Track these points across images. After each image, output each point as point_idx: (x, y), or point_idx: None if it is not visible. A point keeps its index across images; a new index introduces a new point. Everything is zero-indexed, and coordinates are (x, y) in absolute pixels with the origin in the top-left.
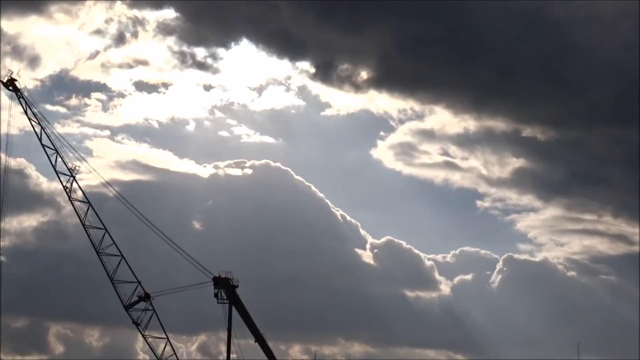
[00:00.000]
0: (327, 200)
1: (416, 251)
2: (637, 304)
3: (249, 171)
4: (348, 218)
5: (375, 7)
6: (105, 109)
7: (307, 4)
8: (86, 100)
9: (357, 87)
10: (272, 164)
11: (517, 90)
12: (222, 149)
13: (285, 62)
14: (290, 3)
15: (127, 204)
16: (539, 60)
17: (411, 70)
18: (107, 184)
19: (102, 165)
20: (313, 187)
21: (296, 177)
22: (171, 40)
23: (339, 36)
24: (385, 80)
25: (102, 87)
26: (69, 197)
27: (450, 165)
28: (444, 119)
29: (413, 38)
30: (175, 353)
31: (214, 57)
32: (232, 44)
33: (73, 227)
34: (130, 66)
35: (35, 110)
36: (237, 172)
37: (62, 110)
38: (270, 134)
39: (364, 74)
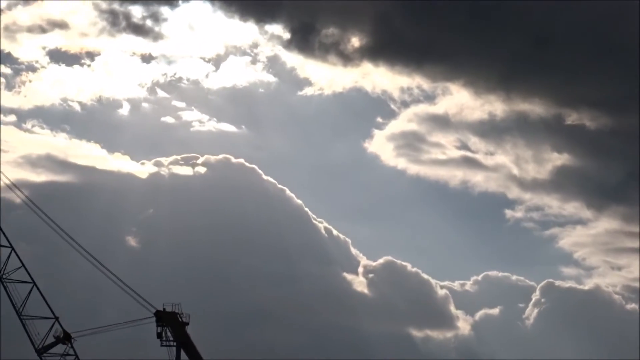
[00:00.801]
0: (306, 209)
1: (425, 276)
2: None
3: (202, 170)
4: (335, 232)
5: None
6: (10, 86)
7: None
8: None
9: (347, 58)
10: (233, 160)
11: (558, 64)
12: (167, 140)
13: (251, 26)
14: None
15: (40, 213)
16: (587, 25)
17: (418, 36)
18: (14, 186)
19: (6, 162)
20: (288, 191)
21: (265, 177)
22: None
23: None
24: (383, 50)
25: (6, 58)
26: None
27: (471, 163)
28: (462, 100)
29: None
30: None
31: (155, 18)
32: (180, 1)
33: None
34: (43, 30)
35: None
36: (186, 171)
37: None
38: (231, 120)
39: (355, 41)
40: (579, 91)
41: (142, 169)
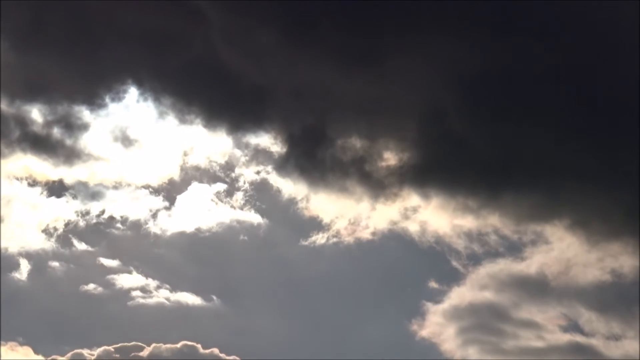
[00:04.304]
0: None
1: None
2: None
3: None
4: None
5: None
6: None
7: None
8: None
9: (377, 185)
10: (202, 350)
11: None
12: (91, 320)
13: (222, 136)
14: None
15: None
16: None
17: (493, 149)
18: None
19: None
20: None
21: None
22: None
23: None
24: (436, 172)
25: None
26: None
27: (585, 353)
28: (567, 252)
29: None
30: None
31: (68, 124)
32: (107, 99)
33: None
34: None
35: None
36: None
37: None
38: (195, 287)
39: (389, 158)
40: None
41: None
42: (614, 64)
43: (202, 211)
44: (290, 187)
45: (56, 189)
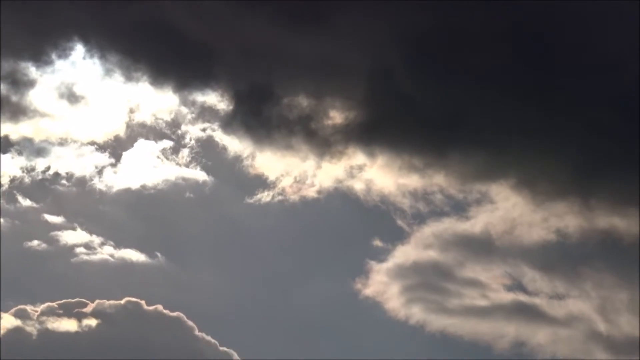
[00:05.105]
0: None
1: None
2: None
3: (92, 322)
4: None
5: None
6: None
7: None
8: None
9: (322, 143)
10: (145, 306)
11: None
12: (34, 277)
13: (168, 93)
14: None
15: None
16: None
17: (438, 107)
18: None
19: None
20: (237, 358)
21: (199, 333)
22: None
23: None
24: (381, 130)
25: None
26: None
27: (528, 312)
28: (512, 212)
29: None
30: None
31: (14, 80)
32: (53, 56)
33: None
34: None
35: None
36: (67, 325)
37: None
38: (139, 244)
39: (335, 117)
40: None
41: None
42: (563, 21)
43: (147, 168)
44: (236, 144)
45: (1, 145)
